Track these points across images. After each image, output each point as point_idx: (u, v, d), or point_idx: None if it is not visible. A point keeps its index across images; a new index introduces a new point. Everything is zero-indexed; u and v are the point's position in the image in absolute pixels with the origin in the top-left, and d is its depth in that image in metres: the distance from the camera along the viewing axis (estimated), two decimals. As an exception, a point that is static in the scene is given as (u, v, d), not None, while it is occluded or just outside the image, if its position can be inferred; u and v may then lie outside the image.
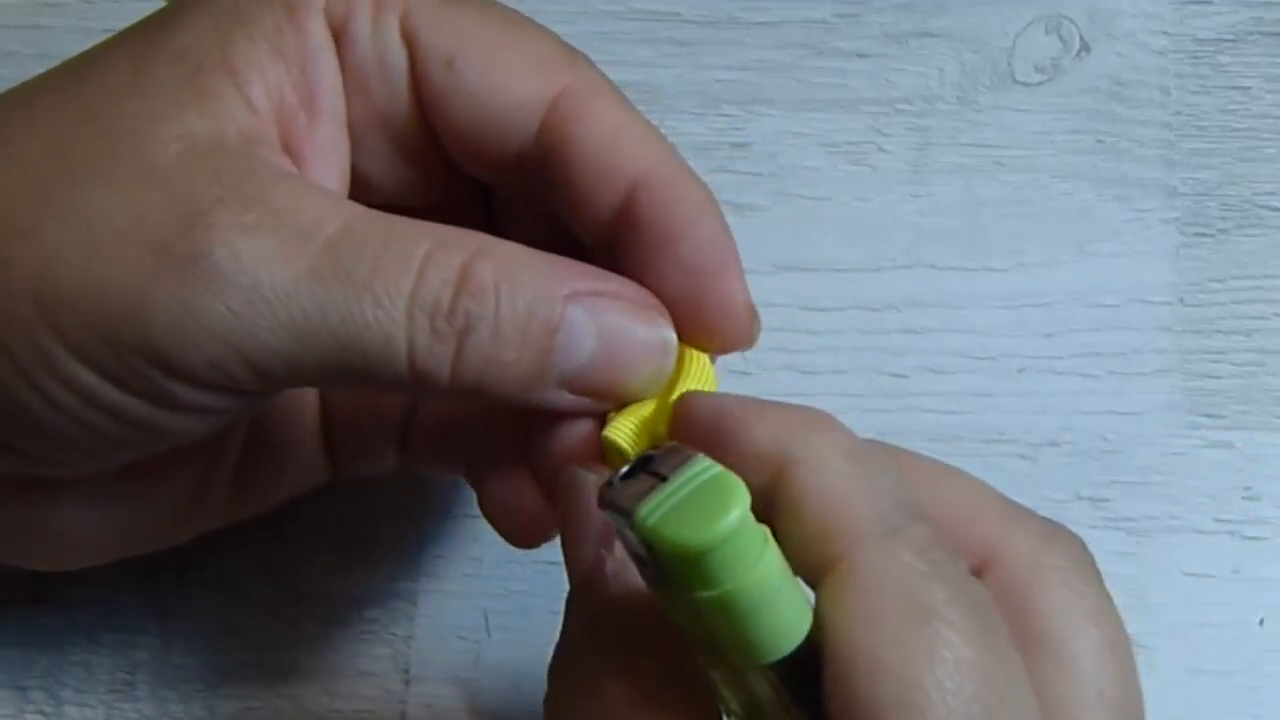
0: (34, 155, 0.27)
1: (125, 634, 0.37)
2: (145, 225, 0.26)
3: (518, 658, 0.36)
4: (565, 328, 0.27)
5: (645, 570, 0.24)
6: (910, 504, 0.24)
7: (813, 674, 0.23)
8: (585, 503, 0.27)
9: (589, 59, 0.31)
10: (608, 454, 0.28)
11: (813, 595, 0.24)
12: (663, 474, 0.24)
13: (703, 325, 0.29)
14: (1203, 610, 0.37)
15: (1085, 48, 0.41)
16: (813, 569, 0.24)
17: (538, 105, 0.29)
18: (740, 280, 0.29)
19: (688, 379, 0.29)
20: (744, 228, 0.39)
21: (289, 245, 0.26)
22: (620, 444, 0.28)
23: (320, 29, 0.29)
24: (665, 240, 0.29)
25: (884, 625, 0.23)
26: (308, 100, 0.29)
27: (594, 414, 0.29)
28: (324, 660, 0.36)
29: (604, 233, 0.30)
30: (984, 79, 0.41)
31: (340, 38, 0.29)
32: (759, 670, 0.24)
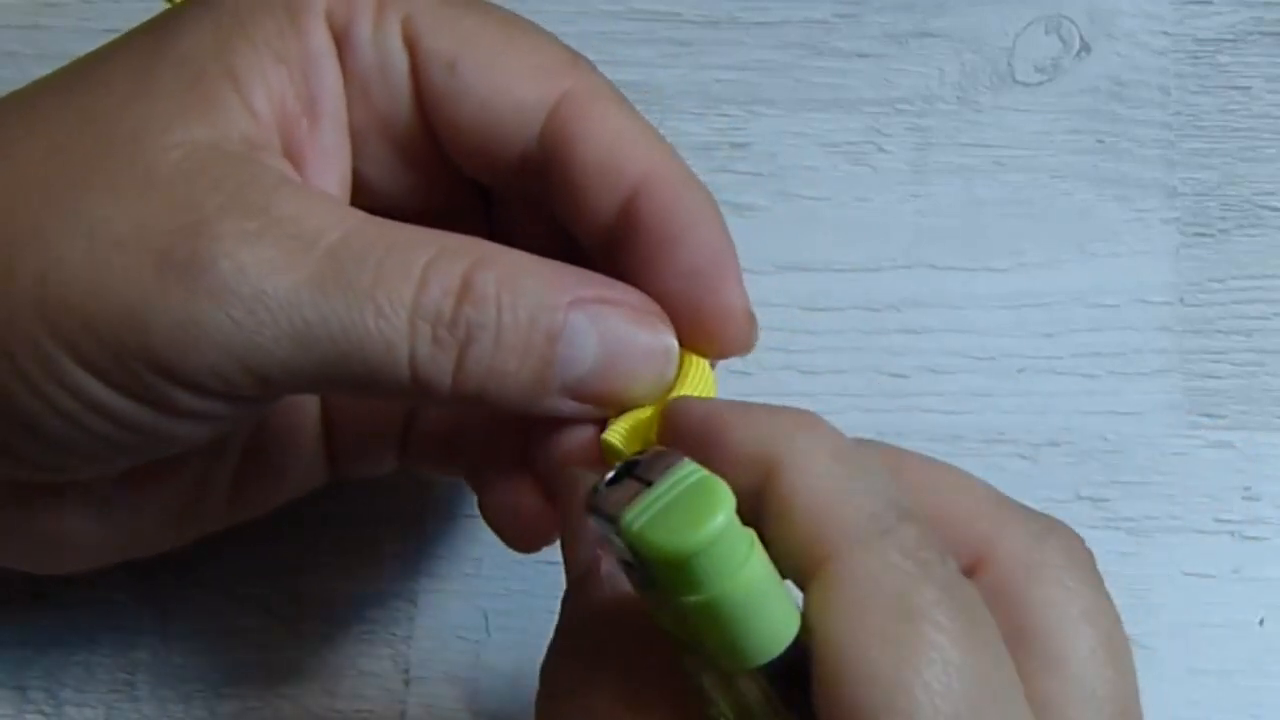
0: (36, 160, 0.27)
1: (125, 634, 0.37)
2: (148, 232, 0.26)
3: (518, 658, 0.36)
4: (567, 336, 0.27)
5: (633, 575, 0.24)
6: (899, 504, 0.24)
7: (802, 677, 0.23)
8: (582, 504, 0.27)
9: (590, 62, 0.30)
10: (607, 457, 0.28)
11: (802, 598, 0.24)
12: (648, 479, 0.24)
13: (701, 330, 0.29)
14: (1203, 610, 0.37)
15: (1085, 48, 0.41)
16: (801, 571, 0.24)
17: (539, 108, 0.29)
18: (739, 285, 0.29)
19: (688, 384, 0.29)
20: (744, 228, 0.39)
21: (291, 253, 0.26)
22: (618, 447, 0.28)
23: (322, 33, 0.29)
24: (665, 244, 0.29)
25: (871, 627, 0.23)
26: (309, 105, 0.29)
27: (595, 420, 0.29)
28: (324, 660, 0.36)
29: (605, 236, 0.29)
30: (984, 79, 0.41)
31: (342, 42, 0.29)
32: (748, 674, 0.24)
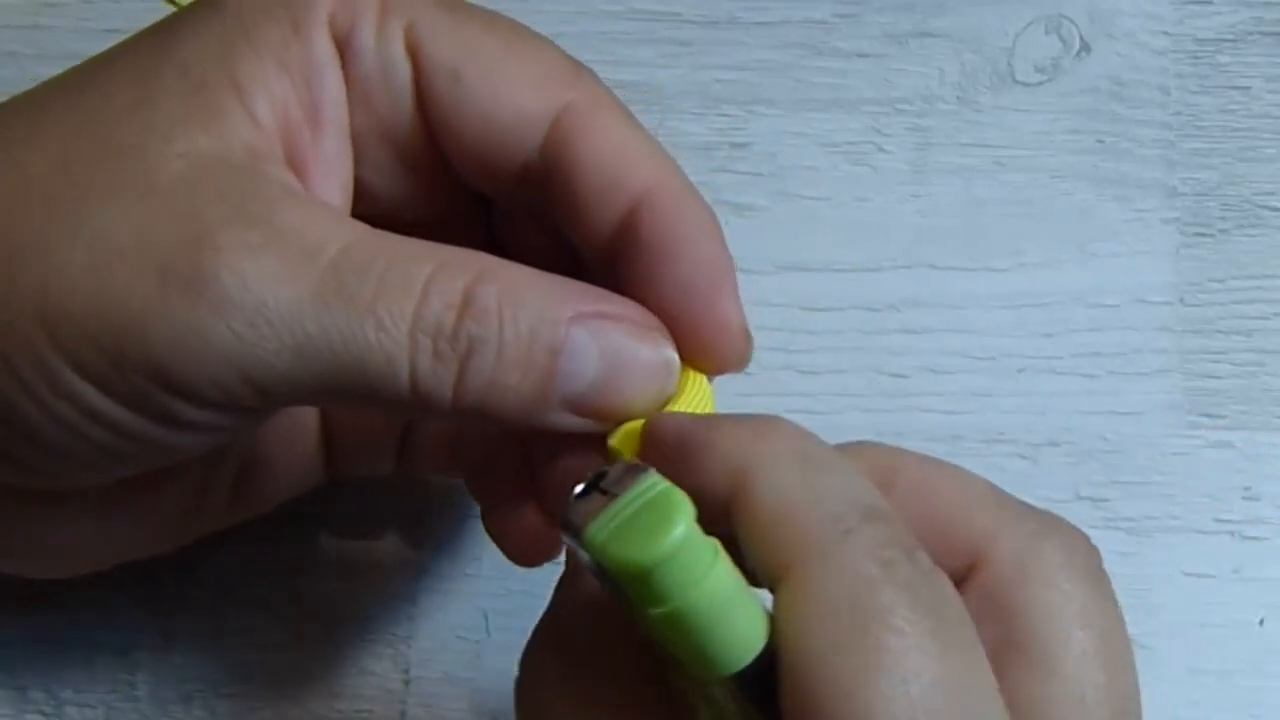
0: (38, 168, 0.27)
1: (125, 634, 0.37)
2: (150, 243, 0.26)
3: (517, 658, 0.36)
4: (569, 351, 0.27)
5: (605, 587, 0.24)
6: (864, 503, 0.24)
7: (774, 686, 0.23)
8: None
9: (593, 73, 0.30)
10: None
11: None
12: (613, 492, 0.24)
13: (697, 344, 0.29)
14: (1203, 610, 0.37)
15: (1085, 48, 0.41)
16: (769, 579, 0.24)
17: (542, 119, 0.29)
18: (736, 302, 0.29)
19: (686, 398, 0.29)
20: (744, 228, 0.39)
21: (293, 266, 0.26)
22: (624, 454, 0.28)
23: (325, 41, 0.29)
24: (664, 257, 0.29)
25: (827, 634, 0.22)
26: (312, 114, 0.29)
27: (596, 435, 0.29)
28: (324, 660, 0.36)
29: (605, 247, 0.29)
30: (984, 79, 0.41)
31: (344, 50, 0.29)
32: (720, 684, 0.24)
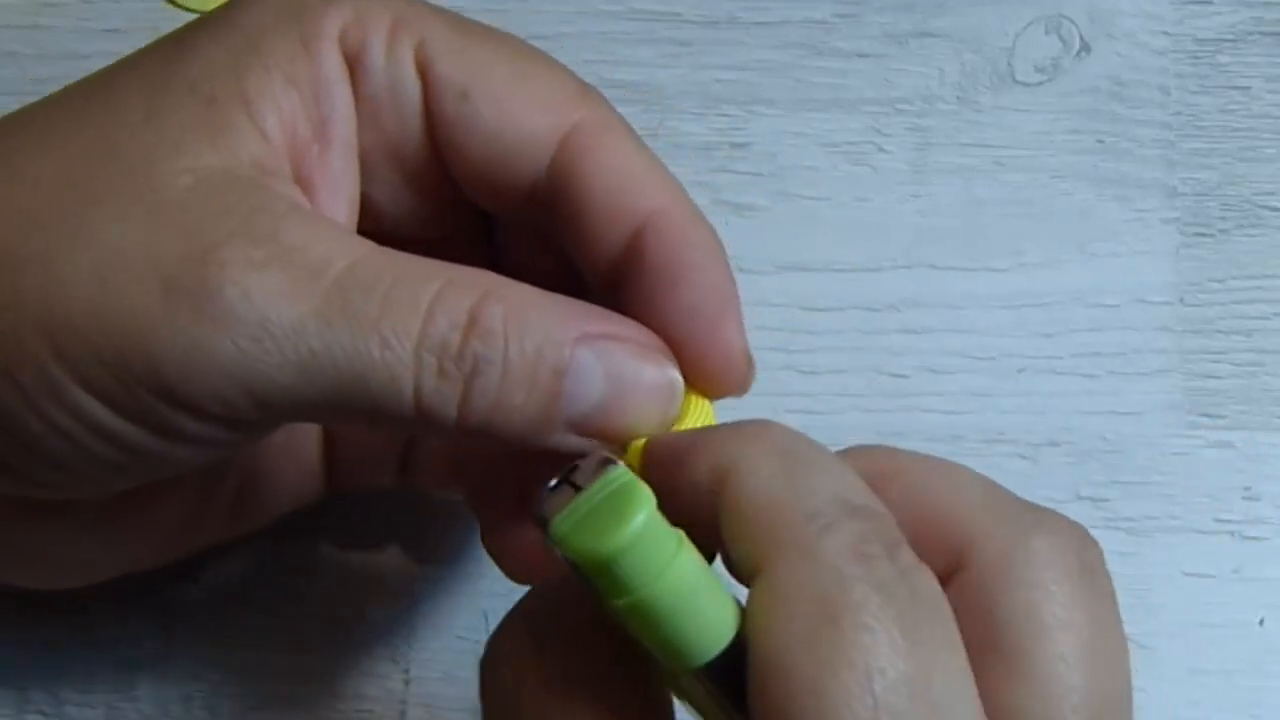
0: (46, 181, 0.27)
1: (125, 634, 0.37)
2: (156, 258, 0.26)
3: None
4: (574, 372, 0.27)
5: (577, 580, 0.24)
6: (848, 501, 0.24)
7: (744, 679, 0.23)
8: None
9: (601, 94, 0.30)
10: None
11: None
12: (582, 485, 0.24)
13: (700, 369, 0.29)
14: (1203, 610, 0.37)
15: (1085, 48, 0.41)
16: (747, 575, 0.24)
17: (550, 140, 0.29)
18: (739, 327, 0.29)
19: (689, 420, 0.29)
20: (744, 228, 0.39)
21: (298, 283, 0.26)
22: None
23: (334, 58, 0.29)
24: (669, 282, 0.29)
25: (794, 628, 0.22)
26: (320, 130, 0.29)
27: None
28: (324, 660, 0.36)
29: (609, 269, 0.29)
30: (984, 79, 0.41)
31: (354, 66, 0.29)
32: (690, 675, 0.24)
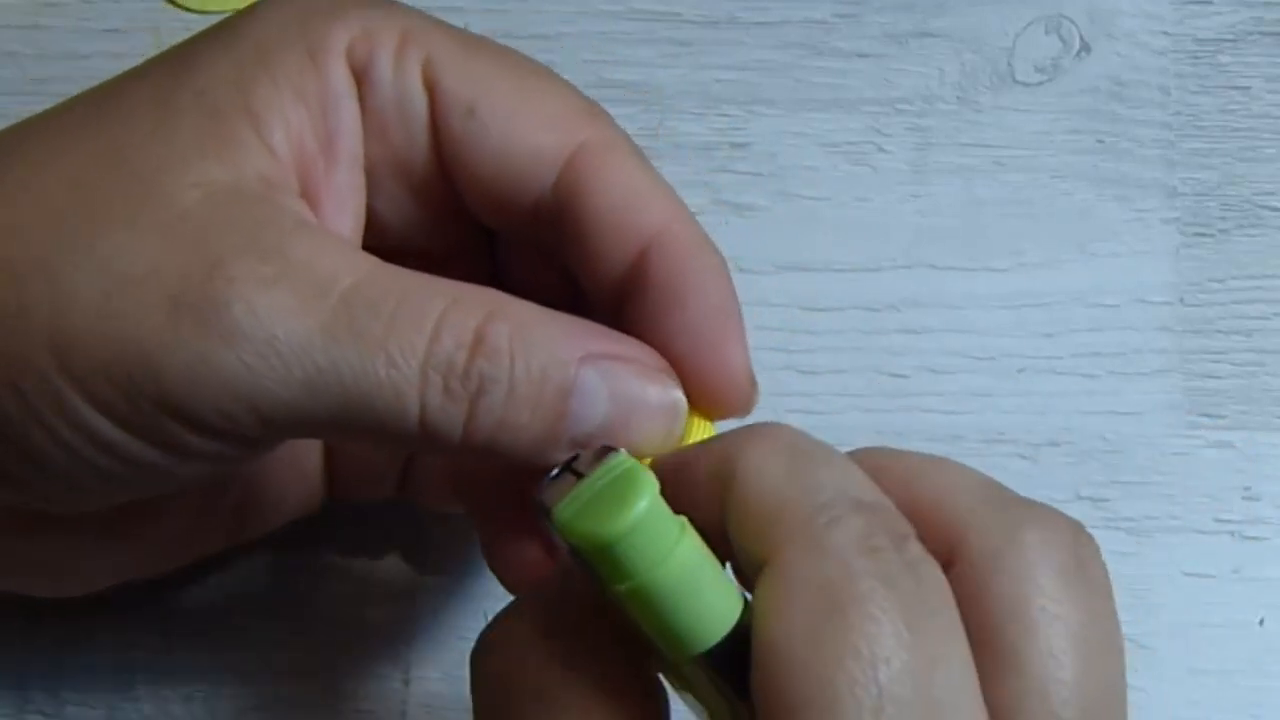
0: (53, 194, 0.27)
1: (125, 634, 0.37)
2: (162, 273, 0.26)
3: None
4: (579, 392, 0.27)
5: (578, 566, 0.25)
6: (852, 495, 0.24)
7: (746, 667, 0.23)
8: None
9: (607, 113, 0.31)
10: None
11: None
12: (584, 473, 0.24)
13: (703, 390, 0.29)
14: (1203, 610, 0.37)
15: (1085, 48, 0.41)
16: (753, 570, 0.24)
17: (556, 157, 0.29)
18: (743, 348, 0.29)
19: (690, 439, 0.29)
20: (744, 228, 0.39)
21: (304, 299, 0.26)
22: None
23: (342, 72, 0.29)
24: (673, 302, 0.29)
25: (800, 618, 0.23)
26: (327, 145, 0.29)
27: None
28: (324, 660, 0.36)
29: (613, 288, 0.30)
30: (984, 79, 0.41)
31: (361, 81, 0.29)
32: (691, 662, 0.24)
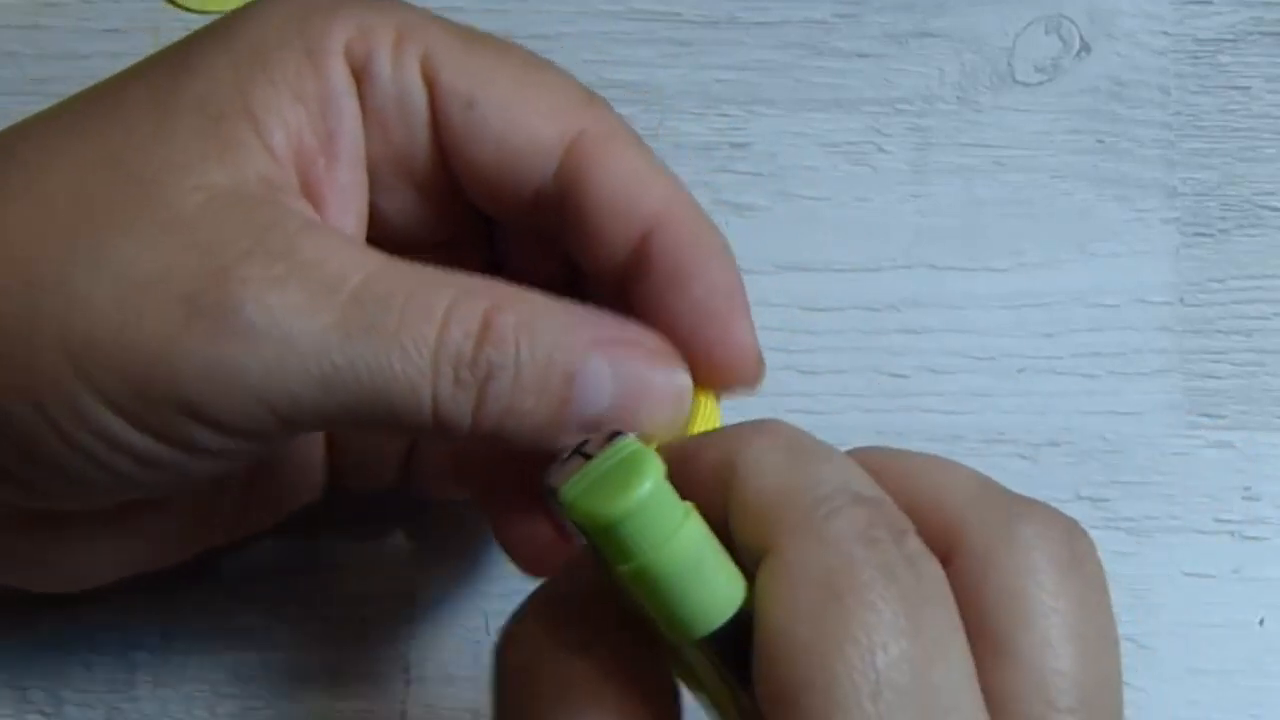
0: (57, 200, 0.27)
1: (125, 634, 0.37)
2: (174, 276, 0.26)
3: (518, 658, 0.36)
4: (584, 376, 0.27)
5: (586, 547, 0.25)
6: (853, 489, 0.24)
7: (748, 653, 0.24)
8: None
9: (606, 102, 0.31)
10: None
11: None
12: (590, 453, 0.25)
13: (710, 367, 0.29)
14: (1203, 610, 0.37)
15: (1085, 48, 0.41)
16: (753, 562, 0.24)
17: (556, 146, 0.30)
18: (749, 324, 0.29)
19: (698, 421, 0.29)
20: (744, 228, 0.39)
21: (316, 297, 0.26)
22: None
23: (340, 71, 0.29)
24: (677, 282, 0.29)
25: (800, 606, 0.23)
26: (327, 144, 0.29)
27: None
28: (324, 660, 0.36)
29: (617, 273, 0.30)
30: (984, 79, 0.41)
31: (361, 78, 0.29)
32: (693, 645, 0.24)
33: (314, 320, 0.26)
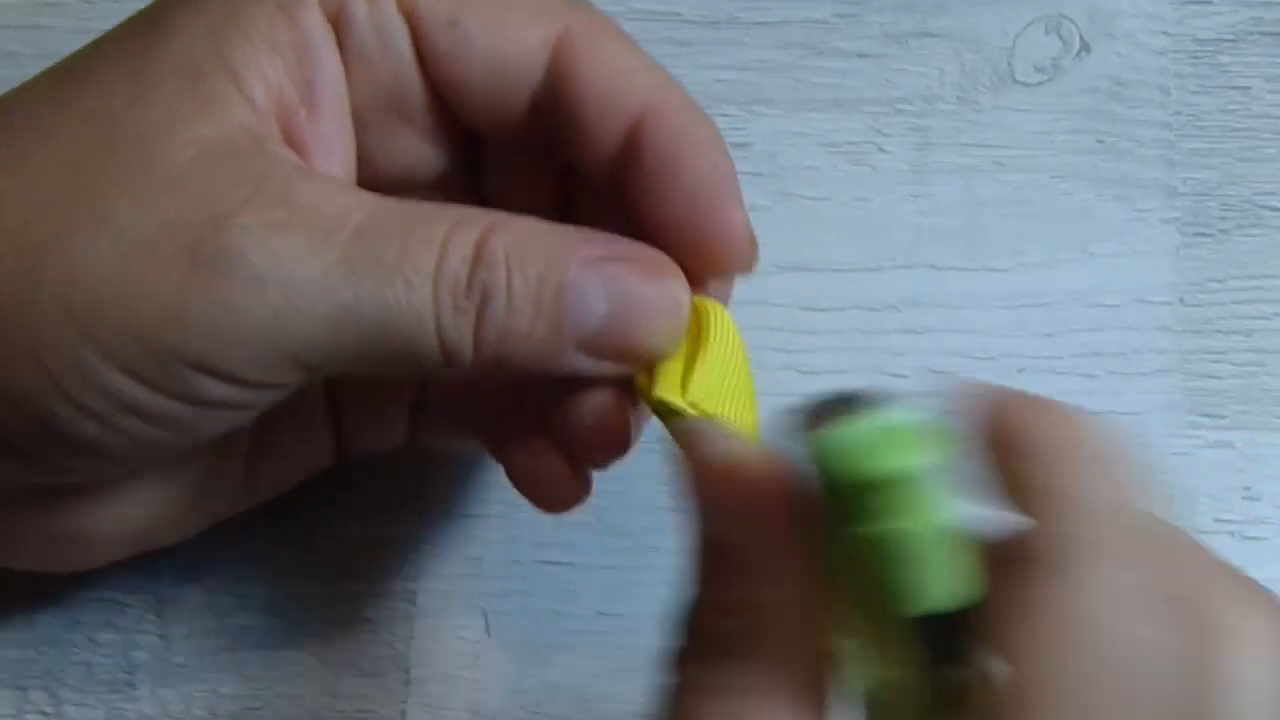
0: (49, 169, 0.27)
1: (125, 634, 0.37)
2: (176, 230, 0.26)
3: (518, 658, 0.36)
4: (575, 293, 0.28)
5: (809, 508, 0.25)
6: (1165, 541, 0.26)
7: (957, 646, 0.24)
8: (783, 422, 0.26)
9: (589, 1, 0.31)
10: (657, 413, 0.29)
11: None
12: (865, 408, 0.24)
13: (704, 251, 0.30)
14: (1203, 610, 0.37)
15: (1085, 48, 0.41)
16: (1032, 562, 0.24)
17: (543, 48, 0.30)
18: (740, 206, 0.30)
19: (710, 331, 0.29)
20: (744, 228, 0.39)
21: (317, 239, 0.27)
22: (674, 402, 0.28)
23: (316, 20, 0.29)
24: (668, 169, 0.29)
25: (1076, 672, 0.23)
26: (307, 95, 0.29)
27: (618, 377, 0.30)
28: (324, 660, 0.36)
29: (609, 166, 0.30)
30: (984, 79, 0.41)
31: (338, 25, 0.29)
32: (899, 622, 0.24)
33: (318, 261, 0.27)
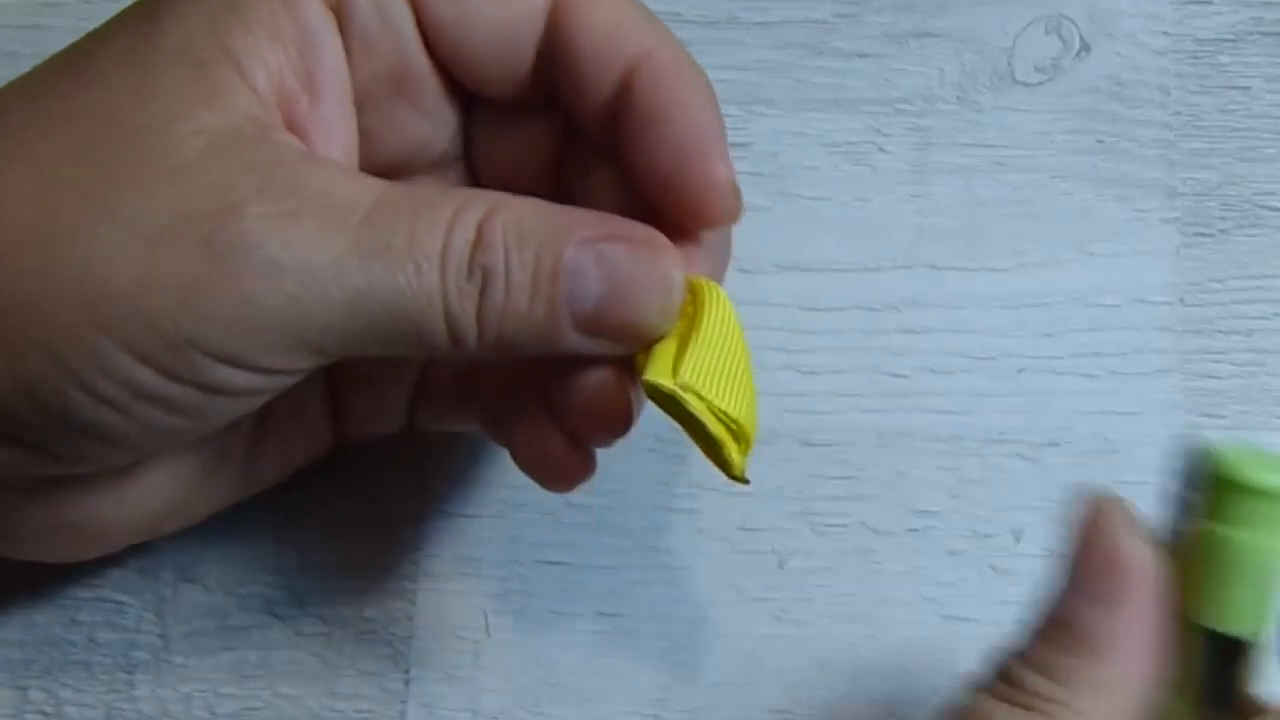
0: (59, 162, 0.27)
1: (125, 634, 0.37)
2: (189, 220, 0.27)
3: (518, 658, 0.36)
4: (570, 272, 0.28)
5: (1170, 506, 0.26)
6: None
7: (1242, 676, 0.26)
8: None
9: None
10: (650, 396, 0.29)
11: None
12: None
13: (688, 203, 0.30)
14: (1203, 610, 0.37)
15: (1085, 48, 0.41)
16: None
17: (543, 5, 0.30)
18: (725, 160, 0.30)
19: (705, 312, 0.29)
20: (744, 228, 0.39)
21: (330, 226, 0.27)
22: (662, 384, 0.29)
23: (316, 8, 0.29)
24: (656, 120, 0.30)
25: None
26: (309, 83, 0.29)
27: (618, 356, 0.30)
28: (324, 660, 0.36)
29: (605, 117, 0.31)
30: (984, 79, 0.41)
31: (339, 9, 0.30)
32: (1202, 632, 0.25)
33: (331, 248, 0.27)
